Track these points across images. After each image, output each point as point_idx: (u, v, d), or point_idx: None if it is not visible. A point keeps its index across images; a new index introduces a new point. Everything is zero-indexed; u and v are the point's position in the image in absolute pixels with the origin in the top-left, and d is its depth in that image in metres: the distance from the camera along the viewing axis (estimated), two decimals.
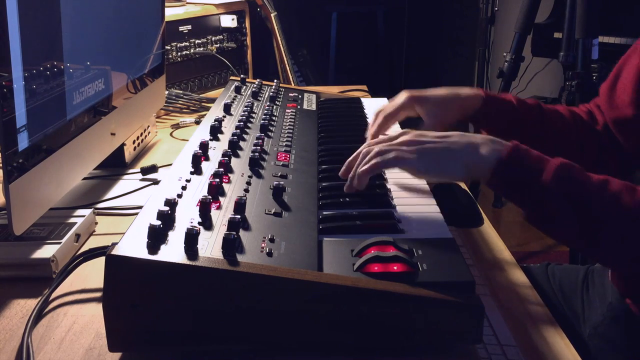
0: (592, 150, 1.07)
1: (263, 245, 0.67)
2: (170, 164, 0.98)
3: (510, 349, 0.69)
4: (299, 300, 0.63)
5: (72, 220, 0.94)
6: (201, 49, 1.83)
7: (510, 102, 1.08)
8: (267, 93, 1.32)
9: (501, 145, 0.80)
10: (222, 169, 0.83)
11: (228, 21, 1.92)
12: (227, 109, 1.15)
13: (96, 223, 1.00)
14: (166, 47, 1.65)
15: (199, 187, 0.79)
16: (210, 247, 0.65)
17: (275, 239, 0.69)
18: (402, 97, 1.05)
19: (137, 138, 1.32)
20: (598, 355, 0.96)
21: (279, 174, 0.88)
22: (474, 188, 2.66)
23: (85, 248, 0.90)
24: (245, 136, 1.02)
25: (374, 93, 1.74)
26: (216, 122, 1.02)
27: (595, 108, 1.10)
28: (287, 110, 1.21)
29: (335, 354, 0.66)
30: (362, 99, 1.43)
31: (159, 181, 1.09)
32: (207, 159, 0.89)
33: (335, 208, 0.83)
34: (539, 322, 0.76)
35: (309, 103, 1.32)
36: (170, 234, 0.66)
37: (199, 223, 0.69)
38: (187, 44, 1.79)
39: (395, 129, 1.23)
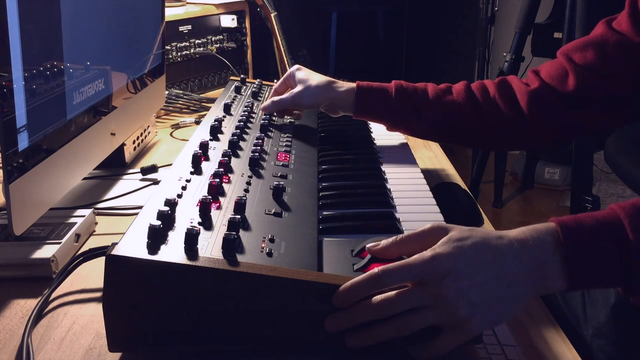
0: (511, 120, 1.05)
1: (263, 245, 0.67)
2: (170, 164, 0.98)
3: (510, 349, 0.69)
4: (299, 300, 0.63)
5: (72, 220, 0.94)
6: (201, 49, 1.83)
7: (386, 91, 1.08)
8: (267, 93, 1.32)
9: (545, 246, 0.64)
10: (222, 169, 0.83)
11: (228, 21, 1.92)
12: (227, 109, 1.15)
13: (96, 223, 1.00)
14: (166, 47, 1.65)
15: (199, 187, 0.79)
16: (210, 247, 0.65)
17: (275, 239, 0.69)
18: (289, 70, 1.16)
19: (137, 138, 1.32)
20: (600, 356, 0.96)
21: (279, 174, 0.88)
22: (474, 188, 2.66)
23: (85, 248, 0.90)
24: (245, 136, 1.02)
25: None
26: (216, 122, 1.02)
27: (532, 74, 1.07)
28: None
29: (335, 354, 0.66)
30: None
31: (159, 181, 1.09)
32: (207, 159, 0.89)
33: (335, 208, 0.83)
34: (539, 322, 0.76)
35: None
36: (170, 234, 0.66)
37: (199, 223, 0.69)
38: (187, 44, 1.79)
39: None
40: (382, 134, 1.19)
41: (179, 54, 1.76)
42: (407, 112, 1.07)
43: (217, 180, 0.78)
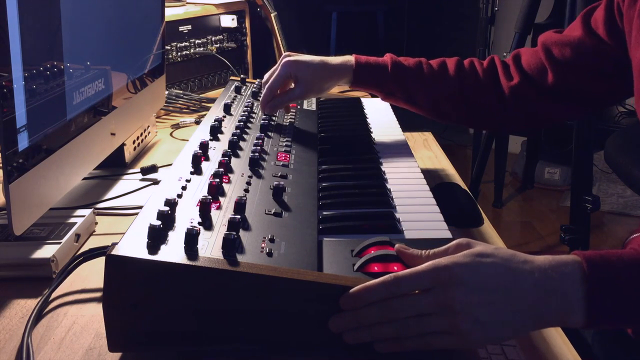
0: (495, 97, 1.11)
1: (263, 245, 0.67)
2: (170, 164, 0.98)
3: (510, 349, 0.69)
4: (299, 300, 0.63)
5: (72, 220, 0.94)
6: (201, 49, 1.83)
7: (383, 66, 1.13)
8: None
9: (573, 280, 0.62)
10: (222, 169, 0.83)
11: (228, 21, 1.92)
12: (227, 109, 1.15)
13: (96, 223, 1.00)
14: (166, 47, 1.65)
15: (199, 187, 0.79)
16: (210, 247, 0.65)
17: (275, 239, 0.69)
18: (280, 64, 1.14)
19: (137, 138, 1.32)
20: (601, 355, 0.96)
21: (279, 174, 0.88)
22: (474, 188, 2.66)
23: (85, 248, 0.90)
24: (245, 136, 1.02)
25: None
26: (216, 122, 1.02)
27: (513, 65, 1.12)
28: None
29: (335, 354, 0.66)
30: (362, 99, 1.43)
31: (159, 181, 1.09)
32: (207, 159, 0.89)
33: (335, 208, 0.83)
34: None
35: (309, 103, 1.32)
36: (170, 234, 0.66)
37: (199, 223, 0.69)
38: (187, 44, 1.79)
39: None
40: (382, 134, 1.19)
41: (179, 54, 1.76)
42: (399, 90, 1.14)
43: (217, 180, 0.78)
